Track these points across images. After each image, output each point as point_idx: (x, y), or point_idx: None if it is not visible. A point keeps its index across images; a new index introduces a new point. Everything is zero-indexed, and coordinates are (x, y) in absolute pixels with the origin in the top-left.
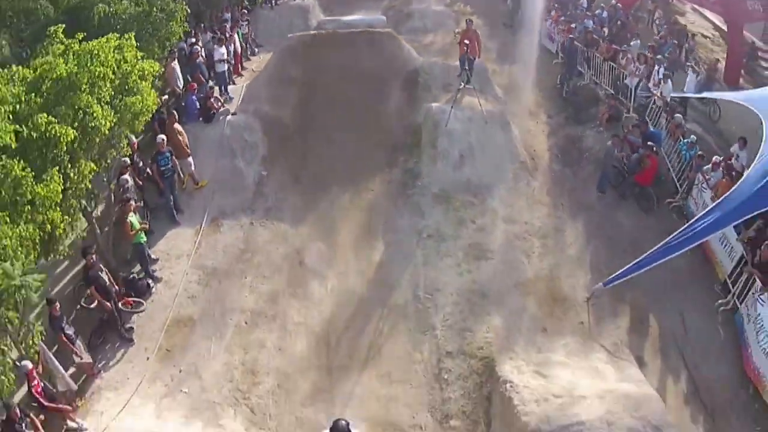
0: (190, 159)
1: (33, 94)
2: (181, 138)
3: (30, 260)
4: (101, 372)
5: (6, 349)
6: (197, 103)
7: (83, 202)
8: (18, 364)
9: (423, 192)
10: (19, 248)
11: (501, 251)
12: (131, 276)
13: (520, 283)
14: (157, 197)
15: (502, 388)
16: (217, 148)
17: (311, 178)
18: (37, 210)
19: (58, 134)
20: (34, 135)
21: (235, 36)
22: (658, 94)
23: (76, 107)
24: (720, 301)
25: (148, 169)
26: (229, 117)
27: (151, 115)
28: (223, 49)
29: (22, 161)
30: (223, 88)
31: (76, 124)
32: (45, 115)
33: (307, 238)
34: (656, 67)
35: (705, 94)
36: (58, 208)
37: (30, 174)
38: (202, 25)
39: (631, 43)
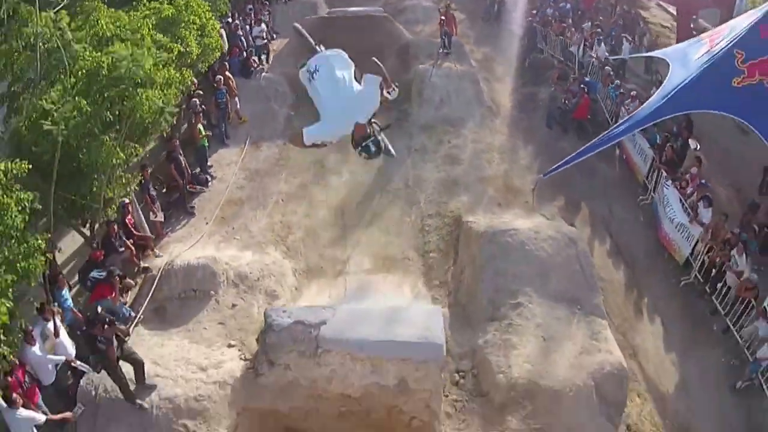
0: (237, 99)
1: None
2: (230, 82)
3: None
4: (169, 233)
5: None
6: (238, 64)
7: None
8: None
9: (413, 124)
10: None
11: (469, 159)
12: (194, 171)
13: (482, 177)
14: (210, 127)
15: (465, 227)
16: (255, 95)
17: None
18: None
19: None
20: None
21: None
22: (595, 55)
23: (177, 36)
24: (641, 197)
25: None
26: (263, 74)
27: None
28: (262, 26)
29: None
30: (260, 57)
31: (177, 51)
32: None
33: (326, 151)
34: (596, 38)
35: (633, 55)
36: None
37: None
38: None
39: (583, 26)
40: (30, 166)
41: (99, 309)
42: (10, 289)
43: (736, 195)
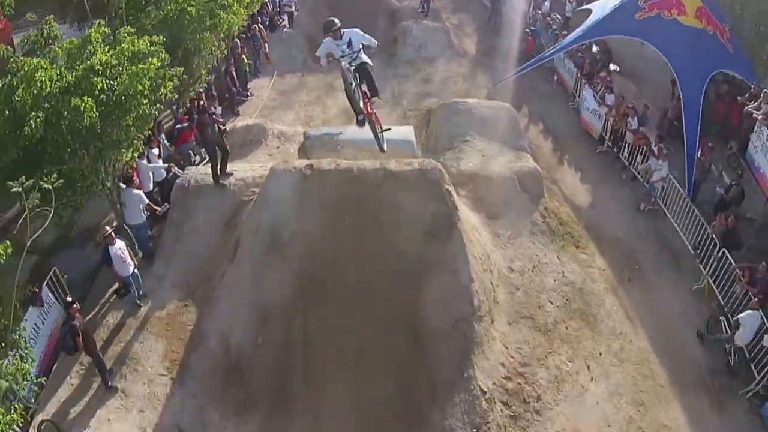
0: (266, 44)
1: None
2: (262, 32)
3: None
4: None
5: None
6: (267, 21)
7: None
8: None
9: (398, 60)
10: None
11: (439, 81)
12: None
13: (449, 90)
14: None
15: (433, 109)
16: (279, 44)
17: None
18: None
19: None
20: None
21: None
22: (540, 11)
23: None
24: (570, 104)
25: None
26: (285, 29)
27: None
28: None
29: None
30: (288, 20)
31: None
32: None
33: (333, 78)
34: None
35: (573, 10)
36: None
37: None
38: None
39: None
40: None
41: (206, 106)
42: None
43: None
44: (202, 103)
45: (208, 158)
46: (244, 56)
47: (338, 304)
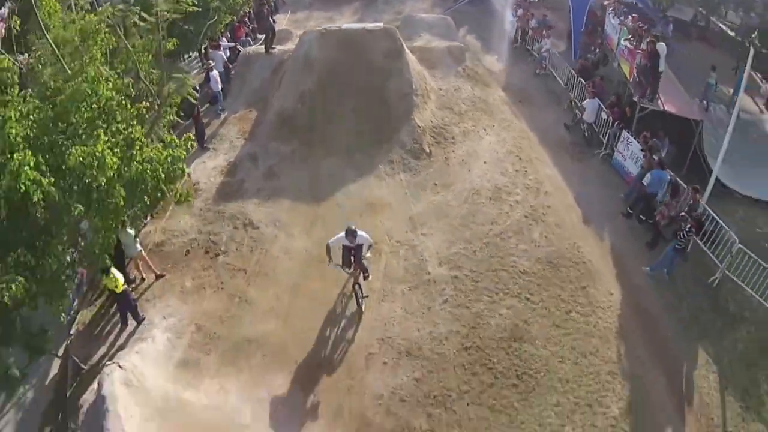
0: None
1: None
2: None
3: None
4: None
5: None
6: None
7: None
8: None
9: (378, 4)
10: None
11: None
12: None
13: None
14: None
15: (402, 19)
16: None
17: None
18: None
19: None
20: None
21: None
22: None
23: None
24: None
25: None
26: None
27: None
28: None
29: None
30: None
31: None
32: None
33: (332, 14)
34: None
35: None
36: None
37: None
38: None
39: None
40: None
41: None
42: None
43: None
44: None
45: (263, 38)
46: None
47: (341, 89)
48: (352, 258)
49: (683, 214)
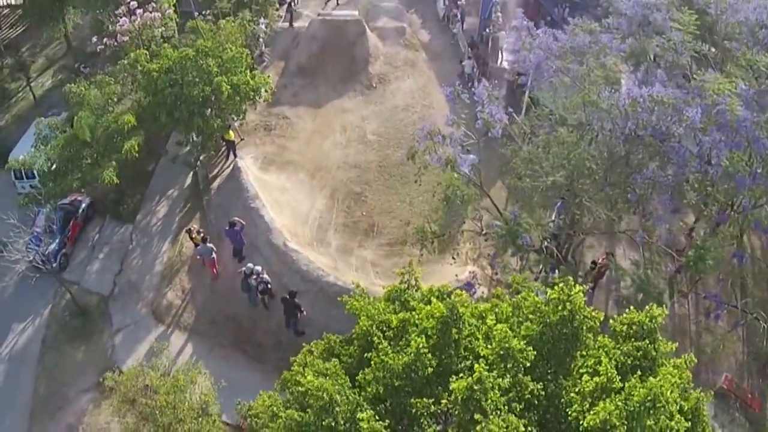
0: None
1: None
2: None
3: None
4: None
5: None
6: None
7: None
8: None
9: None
10: None
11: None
12: None
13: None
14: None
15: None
16: None
17: None
18: None
19: None
20: None
21: None
22: None
23: None
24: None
25: None
26: None
27: None
28: None
29: None
30: None
31: None
32: None
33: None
34: None
35: None
36: None
37: None
38: None
39: None
40: None
41: None
42: None
43: None
44: None
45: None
46: None
47: (330, 51)
48: None
49: None
